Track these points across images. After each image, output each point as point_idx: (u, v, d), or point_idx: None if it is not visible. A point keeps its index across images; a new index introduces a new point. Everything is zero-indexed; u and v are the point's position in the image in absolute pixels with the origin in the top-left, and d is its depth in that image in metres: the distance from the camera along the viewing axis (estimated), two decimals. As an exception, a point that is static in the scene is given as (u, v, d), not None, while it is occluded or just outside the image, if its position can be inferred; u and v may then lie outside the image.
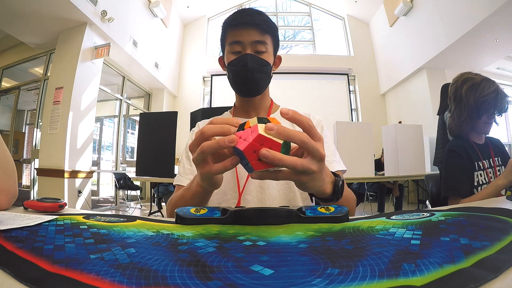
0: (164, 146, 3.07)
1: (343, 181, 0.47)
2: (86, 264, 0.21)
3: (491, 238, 0.25)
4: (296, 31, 7.33)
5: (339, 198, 0.45)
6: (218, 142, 0.35)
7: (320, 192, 0.42)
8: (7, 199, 0.50)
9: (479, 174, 1.03)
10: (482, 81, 1.05)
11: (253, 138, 0.33)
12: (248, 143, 0.33)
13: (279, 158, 0.32)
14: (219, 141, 0.35)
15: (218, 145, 0.35)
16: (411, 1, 5.08)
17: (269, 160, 0.32)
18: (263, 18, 0.68)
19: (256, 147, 0.33)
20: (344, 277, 0.19)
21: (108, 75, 4.80)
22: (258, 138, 0.33)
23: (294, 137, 0.34)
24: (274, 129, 0.33)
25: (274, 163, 0.33)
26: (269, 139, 0.33)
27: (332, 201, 0.45)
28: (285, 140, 0.34)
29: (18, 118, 4.89)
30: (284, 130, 0.33)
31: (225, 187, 0.69)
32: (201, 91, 6.57)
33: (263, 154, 0.32)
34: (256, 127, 0.34)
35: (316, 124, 0.76)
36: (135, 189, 4.72)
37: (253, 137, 0.33)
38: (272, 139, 0.33)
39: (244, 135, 0.34)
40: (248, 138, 0.33)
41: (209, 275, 0.20)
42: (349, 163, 1.69)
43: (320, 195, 0.44)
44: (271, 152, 0.32)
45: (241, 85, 0.71)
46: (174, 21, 6.22)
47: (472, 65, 4.74)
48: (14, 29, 3.74)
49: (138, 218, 0.41)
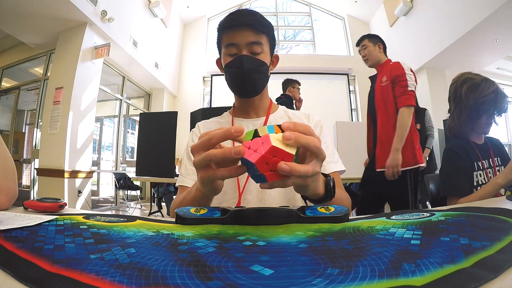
0: (164, 146, 3.07)
1: (334, 181, 0.47)
2: (86, 264, 0.21)
3: (491, 238, 0.25)
4: (296, 31, 7.33)
5: (332, 197, 0.46)
6: (225, 153, 0.34)
7: (315, 193, 0.42)
8: (7, 199, 0.50)
9: (479, 174, 1.03)
10: (481, 81, 1.05)
11: (265, 150, 0.32)
12: (261, 156, 0.32)
13: (298, 170, 0.33)
14: (225, 151, 0.34)
15: (224, 155, 0.34)
16: (411, 1, 5.08)
17: (287, 173, 0.32)
18: (257, 18, 0.67)
19: (269, 159, 0.32)
20: (344, 277, 0.19)
21: (108, 75, 4.80)
22: (271, 150, 0.32)
23: (310, 144, 0.34)
24: (292, 138, 0.33)
25: (292, 174, 0.33)
26: (282, 151, 0.32)
27: (326, 201, 0.46)
28: (303, 147, 0.34)
29: (18, 118, 4.89)
30: (302, 138, 0.33)
31: (225, 187, 0.69)
32: (201, 91, 6.57)
33: (283, 168, 0.32)
34: (267, 138, 0.32)
35: (316, 124, 0.76)
36: (135, 189, 4.72)
37: (265, 148, 0.32)
38: (285, 150, 0.32)
39: (253, 145, 0.33)
40: (260, 149, 0.32)
41: (209, 275, 0.20)
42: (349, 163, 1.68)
43: (314, 196, 0.45)
44: (290, 165, 0.32)
45: (239, 87, 0.71)
46: (174, 21, 6.21)
47: (472, 65, 4.74)
48: (14, 29, 3.73)
49: (138, 218, 0.41)
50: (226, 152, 0.34)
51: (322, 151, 0.36)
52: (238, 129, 0.35)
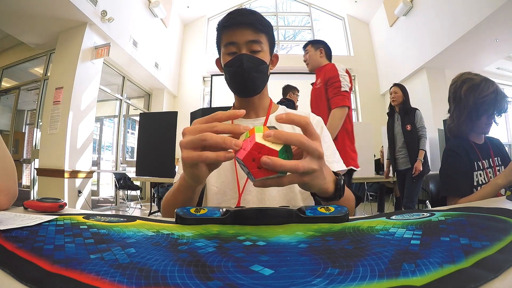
0: (164, 146, 3.07)
1: (344, 180, 0.47)
2: (86, 264, 0.21)
3: (491, 238, 0.25)
4: (296, 31, 7.33)
5: (341, 196, 0.45)
6: (225, 140, 0.35)
7: (322, 190, 0.42)
8: (7, 199, 0.50)
9: (479, 174, 1.03)
10: (481, 81, 1.05)
11: (251, 146, 0.33)
12: (247, 152, 0.33)
13: (280, 164, 0.33)
14: (226, 140, 0.35)
15: (224, 142, 0.35)
16: (411, 1, 5.08)
17: (270, 167, 0.32)
18: (256, 17, 0.68)
19: (255, 155, 0.33)
20: (344, 277, 0.19)
21: (108, 75, 4.80)
22: (255, 146, 0.33)
23: (292, 139, 0.34)
24: (271, 134, 0.33)
25: (276, 169, 0.33)
26: (266, 147, 0.33)
27: (335, 200, 0.46)
28: (284, 143, 0.34)
29: (18, 118, 4.88)
30: (282, 134, 0.34)
31: (224, 187, 0.70)
32: (201, 91, 6.58)
33: (264, 161, 0.32)
34: (254, 136, 0.34)
35: (316, 125, 0.76)
36: (135, 189, 4.72)
37: (251, 145, 0.33)
38: (269, 146, 0.33)
39: (244, 144, 0.35)
40: (247, 147, 0.34)
41: (209, 275, 0.20)
42: (349, 163, 1.69)
43: (323, 194, 0.45)
44: (272, 159, 0.32)
45: (239, 86, 0.71)
46: (174, 21, 6.22)
47: (472, 65, 4.74)
48: (14, 29, 3.74)
49: (138, 218, 0.41)
50: (226, 140, 0.34)
51: (313, 147, 0.35)
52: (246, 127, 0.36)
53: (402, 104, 2.67)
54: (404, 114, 2.65)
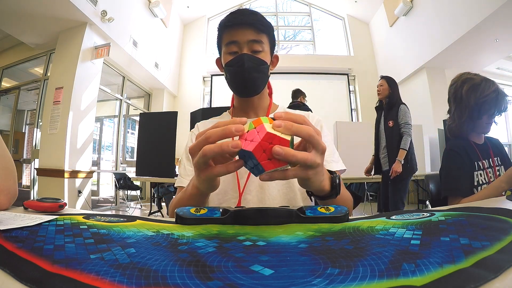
0: (164, 146, 3.07)
1: (340, 177, 0.47)
2: (86, 264, 0.21)
3: (491, 238, 0.25)
4: (296, 31, 7.33)
5: (337, 193, 0.45)
6: (222, 146, 0.34)
7: (320, 188, 0.42)
8: (7, 199, 0.50)
9: (479, 174, 1.03)
10: (482, 81, 1.05)
11: (261, 137, 0.32)
12: (257, 143, 0.32)
13: (292, 154, 0.32)
14: (222, 145, 0.34)
15: (221, 149, 0.34)
16: (411, 1, 5.08)
17: (283, 157, 0.32)
18: (258, 18, 0.68)
19: (266, 146, 0.32)
20: (344, 277, 0.19)
21: (108, 75, 4.80)
22: (267, 136, 0.32)
23: (302, 131, 0.34)
24: (282, 125, 0.33)
25: (287, 159, 0.32)
26: (278, 137, 0.32)
27: (331, 198, 0.46)
28: (294, 134, 0.34)
29: (18, 118, 4.88)
30: (293, 125, 0.33)
31: (225, 187, 0.69)
32: (201, 91, 6.57)
33: (277, 151, 0.31)
34: (262, 126, 0.33)
35: (315, 124, 0.77)
36: (135, 189, 4.72)
37: (261, 136, 0.32)
38: (281, 136, 0.32)
39: (249, 136, 0.33)
40: (256, 138, 0.32)
41: (209, 275, 0.20)
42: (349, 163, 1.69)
43: (319, 192, 0.45)
44: (284, 149, 0.32)
45: (239, 85, 0.71)
46: (174, 21, 6.21)
47: (472, 65, 4.74)
48: (14, 29, 3.73)
49: (138, 218, 0.41)
50: (223, 145, 0.34)
51: (319, 141, 0.35)
52: (239, 128, 0.34)
53: (387, 98, 2.43)
54: (389, 109, 2.42)
